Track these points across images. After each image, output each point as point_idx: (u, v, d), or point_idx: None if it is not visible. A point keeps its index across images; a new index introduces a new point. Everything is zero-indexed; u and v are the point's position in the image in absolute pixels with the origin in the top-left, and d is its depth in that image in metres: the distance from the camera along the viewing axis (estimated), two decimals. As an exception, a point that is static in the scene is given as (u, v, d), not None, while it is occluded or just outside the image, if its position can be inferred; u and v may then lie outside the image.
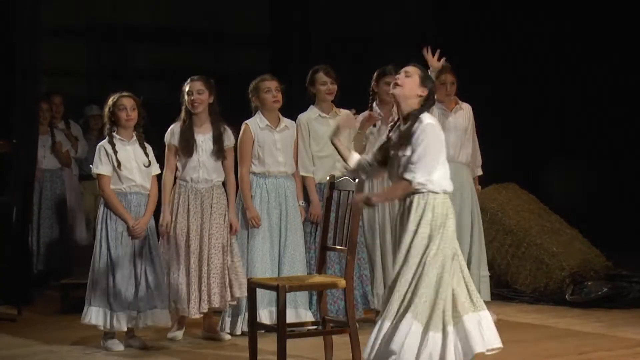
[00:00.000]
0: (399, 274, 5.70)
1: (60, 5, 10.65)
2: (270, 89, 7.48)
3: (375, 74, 7.90)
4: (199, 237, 7.32)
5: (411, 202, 5.74)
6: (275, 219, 7.50)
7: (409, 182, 5.69)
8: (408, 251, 5.69)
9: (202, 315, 7.37)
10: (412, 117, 5.78)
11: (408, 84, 5.82)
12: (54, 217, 10.02)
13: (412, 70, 5.87)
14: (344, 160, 6.15)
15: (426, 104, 5.84)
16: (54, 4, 10.03)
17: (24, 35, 9.03)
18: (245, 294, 7.20)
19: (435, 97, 7.92)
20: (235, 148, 7.53)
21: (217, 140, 7.34)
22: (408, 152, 5.71)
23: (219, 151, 7.35)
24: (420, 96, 5.83)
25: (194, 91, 7.31)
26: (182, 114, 7.37)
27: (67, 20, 11.08)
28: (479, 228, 8.13)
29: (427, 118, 5.78)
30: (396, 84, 5.85)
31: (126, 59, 11.75)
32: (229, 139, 7.41)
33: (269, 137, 7.51)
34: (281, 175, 7.55)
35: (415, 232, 5.70)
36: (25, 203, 9.18)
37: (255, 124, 7.52)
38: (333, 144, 6.11)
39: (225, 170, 7.41)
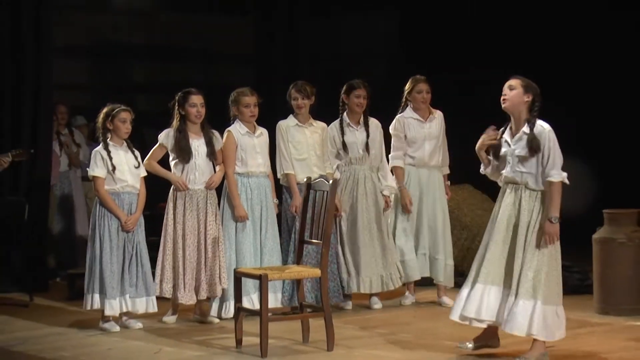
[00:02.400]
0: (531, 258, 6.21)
1: (68, 26, 10.83)
2: (249, 105, 7.78)
3: (344, 87, 8.25)
4: (197, 233, 7.62)
5: (543, 195, 6.22)
6: (257, 213, 7.81)
7: (560, 181, 6.17)
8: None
9: (194, 302, 7.63)
10: (531, 125, 6.20)
11: (513, 96, 6.23)
12: (63, 213, 10.29)
13: (514, 82, 6.27)
14: (484, 166, 6.51)
15: (534, 107, 6.26)
16: (62, 26, 10.19)
17: (37, 54, 9.31)
18: (226, 285, 7.61)
19: (412, 105, 8.17)
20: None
21: (209, 144, 7.65)
22: (539, 156, 6.18)
23: (211, 153, 7.66)
24: (527, 102, 6.25)
25: (198, 104, 7.63)
26: (178, 122, 7.65)
27: (73, 40, 11.24)
28: (447, 223, 8.43)
29: (543, 123, 6.22)
30: (504, 100, 6.23)
31: (125, 74, 11.92)
32: (219, 142, 7.75)
33: (249, 141, 7.81)
34: (261, 174, 7.86)
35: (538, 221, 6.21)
36: (42, 203, 9.45)
37: (237, 130, 7.82)
38: (478, 154, 6.52)
39: (219, 170, 7.73)
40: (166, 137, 7.68)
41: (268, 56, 12.04)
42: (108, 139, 7.44)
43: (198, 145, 7.67)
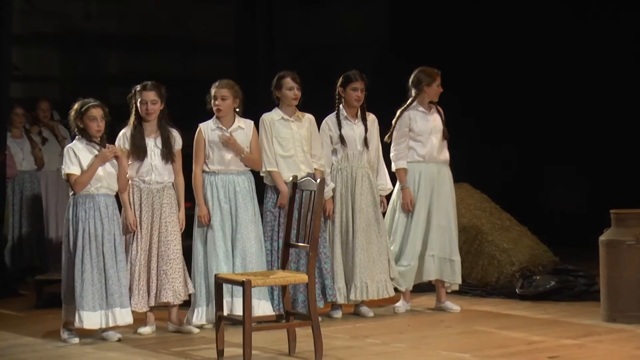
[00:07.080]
0: None
1: (35, 13, 10.86)
2: (217, 97, 7.59)
3: (340, 80, 8.07)
4: (149, 235, 7.41)
5: None
6: (225, 213, 7.61)
7: None
8: None
9: (149, 309, 7.40)
10: None
11: None
12: (32, 216, 10.16)
13: None
14: None
15: None
16: (29, 13, 10.29)
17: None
18: (192, 290, 7.48)
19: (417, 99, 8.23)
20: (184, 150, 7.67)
21: (166, 143, 7.45)
22: None
23: (168, 154, 7.46)
24: None
25: (148, 101, 7.42)
26: (132, 120, 7.47)
27: (41, 28, 11.27)
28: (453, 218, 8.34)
29: None
30: None
31: (98, 65, 11.94)
32: (176, 142, 7.54)
33: (219, 137, 7.63)
34: (230, 172, 7.65)
35: None
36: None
37: (208, 125, 7.67)
38: None
39: (175, 172, 7.55)
40: (123, 139, 7.47)
41: (250, 46, 12.12)
42: (82, 137, 7.23)
43: (154, 144, 7.51)
